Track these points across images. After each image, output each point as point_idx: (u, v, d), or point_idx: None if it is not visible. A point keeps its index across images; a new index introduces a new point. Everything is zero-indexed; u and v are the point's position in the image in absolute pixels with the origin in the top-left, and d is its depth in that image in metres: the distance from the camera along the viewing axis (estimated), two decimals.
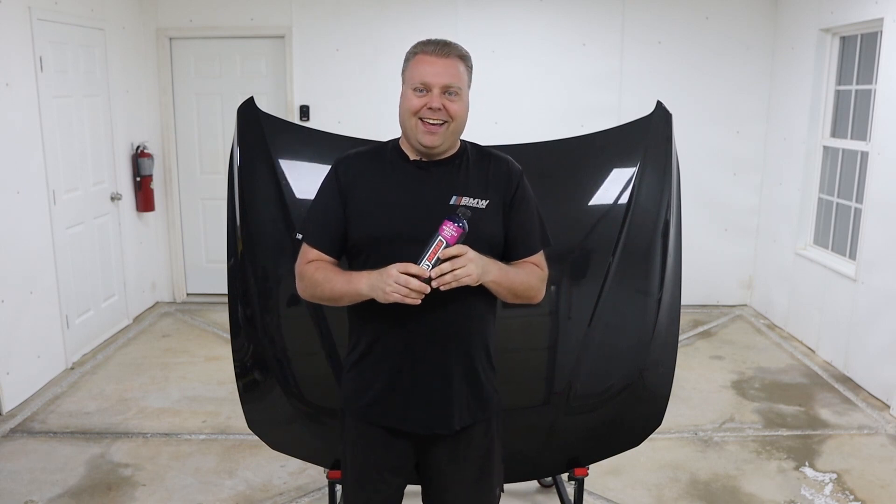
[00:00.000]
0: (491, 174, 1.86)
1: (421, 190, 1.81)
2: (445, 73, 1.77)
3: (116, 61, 5.19)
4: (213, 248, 5.92)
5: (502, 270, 1.78)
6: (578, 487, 2.68)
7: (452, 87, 1.78)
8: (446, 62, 1.78)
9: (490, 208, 1.82)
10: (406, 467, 1.93)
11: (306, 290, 1.85)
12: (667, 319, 2.57)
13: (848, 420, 4.00)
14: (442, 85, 1.76)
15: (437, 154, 1.83)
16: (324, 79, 5.67)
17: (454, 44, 1.82)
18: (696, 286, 5.62)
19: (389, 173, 1.84)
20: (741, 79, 5.66)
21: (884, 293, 4.19)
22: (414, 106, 1.77)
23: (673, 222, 2.57)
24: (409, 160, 1.84)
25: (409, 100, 1.79)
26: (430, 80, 1.76)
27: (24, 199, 4.16)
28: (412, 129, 1.79)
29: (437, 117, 1.77)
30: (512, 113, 5.64)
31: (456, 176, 1.83)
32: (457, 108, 1.78)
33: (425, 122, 1.77)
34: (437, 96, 1.76)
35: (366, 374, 1.87)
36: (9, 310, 4.02)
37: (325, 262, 1.83)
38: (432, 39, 1.82)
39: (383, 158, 1.87)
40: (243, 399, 2.56)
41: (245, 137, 2.54)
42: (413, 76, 1.79)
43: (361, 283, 1.73)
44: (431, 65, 1.77)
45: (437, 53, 1.78)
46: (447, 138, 1.80)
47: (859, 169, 4.68)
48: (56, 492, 3.24)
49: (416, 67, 1.79)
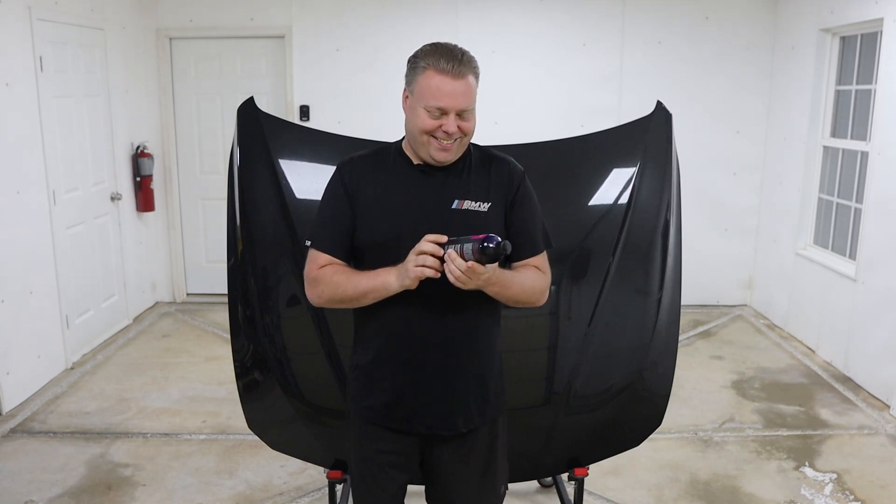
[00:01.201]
0: (493, 177, 1.85)
1: (424, 194, 1.80)
2: (462, 97, 1.72)
3: (116, 61, 5.19)
4: (213, 248, 5.92)
5: (503, 282, 1.75)
6: (578, 487, 2.68)
7: (468, 111, 1.75)
8: (461, 84, 1.71)
9: (491, 212, 1.81)
10: (411, 464, 1.94)
11: (324, 293, 1.81)
12: (667, 319, 2.57)
13: (848, 420, 4.00)
14: (458, 109, 1.72)
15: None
16: (324, 79, 5.66)
17: (466, 57, 1.74)
18: (696, 286, 5.62)
19: (393, 177, 1.83)
20: (741, 79, 5.66)
21: (884, 293, 4.19)
22: (427, 127, 1.74)
23: (673, 222, 2.57)
24: (413, 164, 1.83)
25: (423, 119, 1.73)
26: (446, 105, 1.71)
27: (24, 199, 4.16)
28: (424, 144, 1.76)
29: (452, 138, 1.74)
30: (512, 113, 5.63)
31: (459, 180, 1.82)
32: (470, 126, 1.77)
33: (439, 141, 1.74)
34: (452, 121, 1.72)
35: (374, 377, 1.87)
36: (9, 310, 4.02)
37: (339, 265, 1.81)
38: (443, 51, 1.73)
39: (386, 162, 1.85)
40: (243, 399, 2.56)
41: (245, 137, 2.54)
42: (426, 96, 1.72)
43: (391, 275, 1.71)
44: (446, 86, 1.70)
45: (453, 74, 1.70)
46: (459, 151, 1.80)
47: (859, 169, 4.68)
48: (56, 492, 3.24)
49: (429, 87, 1.72)
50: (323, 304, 1.84)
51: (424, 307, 1.77)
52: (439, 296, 1.72)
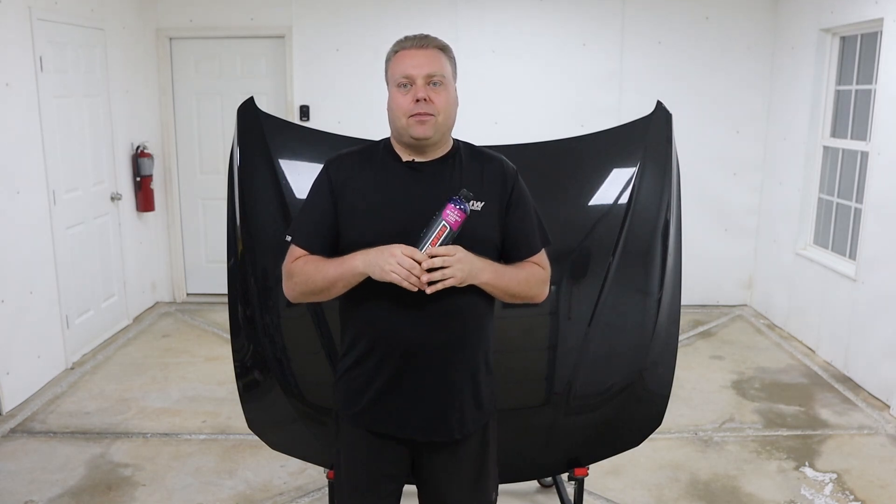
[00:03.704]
0: (486, 175, 1.82)
1: (414, 191, 1.78)
2: (427, 63, 1.74)
3: (116, 61, 5.19)
4: (213, 248, 5.93)
5: (496, 271, 1.75)
6: (578, 487, 2.68)
7: (435, 76, 1.74)
8: (426, 52, 1.75)
9: (486, 210, 1.78)
10: (402, 474, 1.91)
11: (297, 286, 1.80)
12: (667, 319, 2.57)
13: (848, 420, 4.00)
14: (425, 75, 1.73)
15: (429, 150, 1.79)
16: (324, 79, 5.67)
17: (432, 36, 1.80)
18: (696, 286, 5.62)
19: (382, 174, 1.80)
20: (741, 79, 5.66)
21: (884, 293, 4.19)
22: (402, 105, 1.74)
23: (673, 222, 2.57)
24: (402, 161, 1.81)
25: (396, 99, 1.76)
26: (412, 72, 1.73)
27: (24, 199, 4.16)
28: (404, 127, 1.76)
29: (424, 109, 1.72)
30: (512, 113, 5.64)
31: (450, 176, 1.80)
32: (442, 100, 1.74)
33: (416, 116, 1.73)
34: (421, 87, 1.73)
35: (362, 378, 1.82)
36: (9, 310, 4.02)
37: (312, 257, 1.79)
38: (409, 35, 1.80)
39: (375, 159, 1.83)
40: (243, 399, 2.56)
41: (245, 137, 2.54)
42: (395, 72, 1.76)
43: (356, 259, 1.69)
44: (412, 57, 1.74)
45: (416, 46, 1.76)
46: (438, 130, 1.76)
47: (859, 169, 4.68)
48: (56, 492, 3.24)
49: (398, 64, 1.76)
50: (297, 297, 1.82)
51: (414, 309, 1.73)
52: (429, 297, 1.69)
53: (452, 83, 1.80)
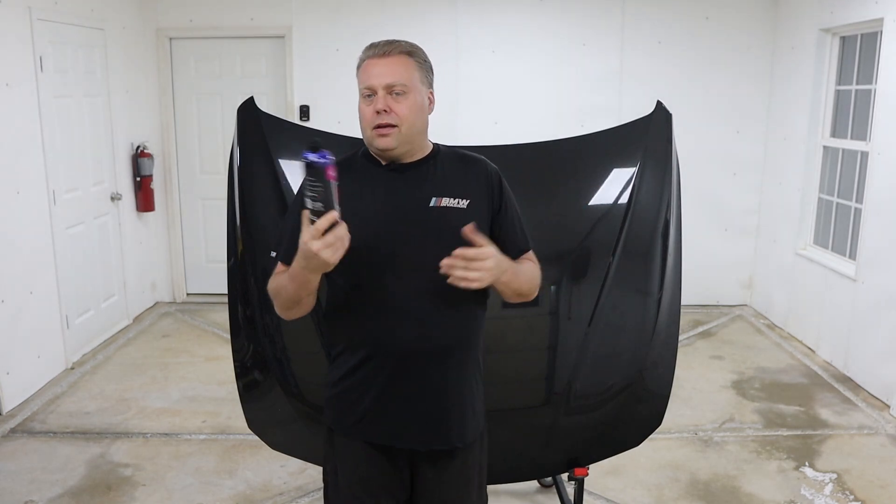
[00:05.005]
0: (470, 176, 1.80)
1: (397, 194, 1.74)
2: (387, 73, 1.68)
3: (116, 61, 5.19)
4: (213, 248, 5.92)
5: (514, 271, 1.71)
6: (578, 487, 2.68)
7: (396, 86, 1.68)
8: (388, 61, 1.70)
9: (470, 209, 1.75)
10: (401, 488, 1.83)
11: (276, 302, 1.72)
12: (667, 319, 2.57)
13: (848, 420, 4.00)
14: (384, 85, 1.68)
15: (401, 158, 1.75)
16: (324, 79, 5.66)
17: (399, 41, 1.74)
18: (696, 286, 5.61)
19: (363, 180, 1.76)
20: (741, 79, 5.66)
21: (884, 293, 4.19)
22: (366, 117, 1.71)
23: (673, 222, 2.57)
24: (382, 165, 1.77)
25: (361, 110, 1.72)
26: (373, 83, 1.69)
27: (24, 199, 4.16)
28: (369, 139, 1.73)
29: (385, 120, 1.67)
30: (512, 113, 5.64)
31: (432, 177, 1.77)
32: (403, 109, 1.68)
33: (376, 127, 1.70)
34: (381, 98, 1.67)
35: (357, 387, 1.76)
36: (9, 310, 4.02)
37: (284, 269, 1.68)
38: (376, 42, 1.74)
39: (354, 166, 1.79)
40: (243, 399, 2.56)
41: (245, 137, 2.54)
42: (360, 83, 1.73)
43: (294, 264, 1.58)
44: (374, 66, 1.70)
45: (379, 54, 1.70)
46: (401, 142, 1.70)
47: (859, 169, 4.68)
48: (56, 492, 3.24)
49: (362, 74, 1.73)
50: (284, 313, 1.74)
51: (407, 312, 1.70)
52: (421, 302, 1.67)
53: (420, 88, 1.73)
